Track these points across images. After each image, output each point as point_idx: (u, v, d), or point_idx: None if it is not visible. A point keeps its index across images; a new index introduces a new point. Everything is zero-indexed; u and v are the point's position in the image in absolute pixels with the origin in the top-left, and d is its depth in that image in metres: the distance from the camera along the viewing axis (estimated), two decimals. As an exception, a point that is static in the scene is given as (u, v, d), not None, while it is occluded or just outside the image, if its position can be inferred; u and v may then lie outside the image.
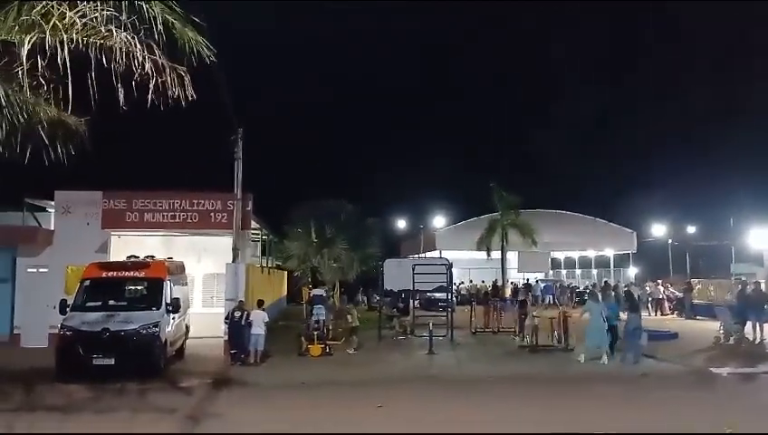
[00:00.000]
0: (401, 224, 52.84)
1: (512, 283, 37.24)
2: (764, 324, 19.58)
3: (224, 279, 18.64)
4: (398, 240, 52.50)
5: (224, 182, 19.37)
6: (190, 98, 8.09)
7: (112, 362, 13.55)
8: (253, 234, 24.06)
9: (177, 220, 20.07)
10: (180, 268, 17.96)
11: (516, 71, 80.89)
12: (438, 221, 45.83)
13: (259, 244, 27.10)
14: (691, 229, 47.69)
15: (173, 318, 15.31)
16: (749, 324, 19.67)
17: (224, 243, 19.40)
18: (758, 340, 19.27)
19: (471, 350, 19.30)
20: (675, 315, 29.09)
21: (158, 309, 14.70)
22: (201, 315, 20.28)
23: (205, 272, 23.41)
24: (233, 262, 18.43)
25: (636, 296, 19.37)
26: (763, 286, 22.68)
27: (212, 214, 20.01)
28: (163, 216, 20.04)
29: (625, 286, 30.34)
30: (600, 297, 18.48)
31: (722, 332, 19.63)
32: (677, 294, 30.68)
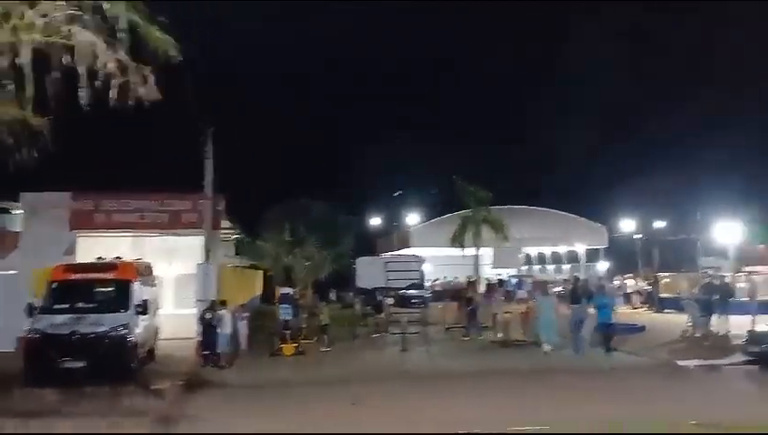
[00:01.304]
0: (375, 222, 52.89)
1: (486, 279, 37.50)
2: (730, 317, 20.06)
3: (195, 280, 18.49)
4: (372, 238, 52.51)
5: (200, 182, 19.17)
6: (154, 98, 8.03)
7: (82, 365, 13.36)
8: (224, 234, 23.89)
9: (147, 221, 19.85)
10: (149, 269, 17.76)
11: (486, 68, 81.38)
12: (413, 218, 45.95)
13: (232, 244, 26.91)
14: (659, 224, 48.54)
15: (142, 320, 15.13)
16: (715, 317, 20.11)
17: (195, 243, 19.23)
18: (724, 332, 19.70)
19: (444, 346, 19.45)
20: (644, 309, 29.60)
21: (126, 311, 14.51)
22: (172, 317, 20.07)
23: (176, 273, 23.15)
24: (204, 262, 18.28)
25: (578, 290, 19.95)
26: (728, 280, 23.23)
27: (182, 214, 19.84)
28: (132, 216, 19.82)
29: (572, 280, 30.88)
30: (548, 291, 19.08)
31: (689, 325, 20.04)
32: (646, 287, 31.23)
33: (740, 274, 26.23)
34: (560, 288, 29.38)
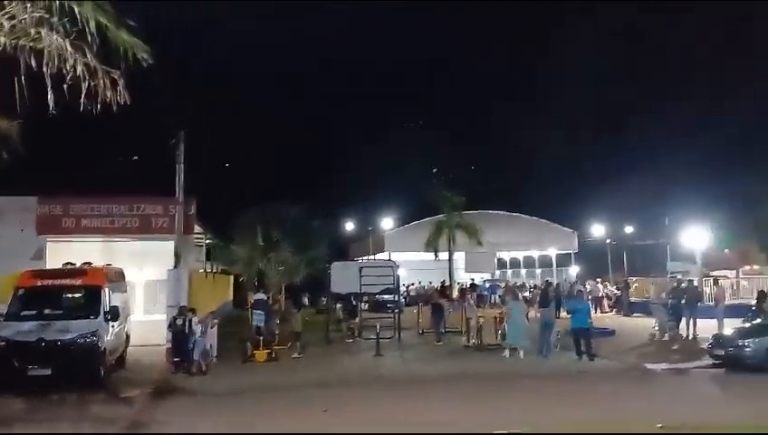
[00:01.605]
0: (350, 226, 52.85)
1: (459, 283, 37.72)
2: (698, 321, 20.47)
3: (166, 285, 18.29)
4: (346, 242, 52.46)
5: (170, 187, 19.00)
6: (123, 102, 7.95)
7: (49, 372, 13.15)
8: (196, 238, 23.67)
9: (117, 226, 19.61)
10: (120, 275, 17.52)
11: (462, 75, 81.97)
12: (387, 223, 46.04)
13: (203, 248, 26.66)
14: (629, 229, 49.38)
15: (112, 326, 14.92)
16: (683, 321, 20.51)
17: (166, 248, 19.05)
18: (691, 336, 20.09)
19: (417, 350, 19.50)
20: (613, 313, 30.02)
21: (96, 317, 14.31)
22: (143, 323, 19.85)
23: (146, 278, 22.90)
24: (175, 268, 18.09)
25: (548, 294, 20.37)
26: (695, 284, 23.70)
27: (153, 219, 19.63)
28: (101, 221, 19.56)
29: (541, 285, 31.43)
30: (518, 296, 19.31)
31: (657, 328, 20.39)
32: (616, 292, 31.69)
33: (707, 278, 26.75)
34: (527, 293, 29.76)
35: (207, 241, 26.84)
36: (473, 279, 39.98)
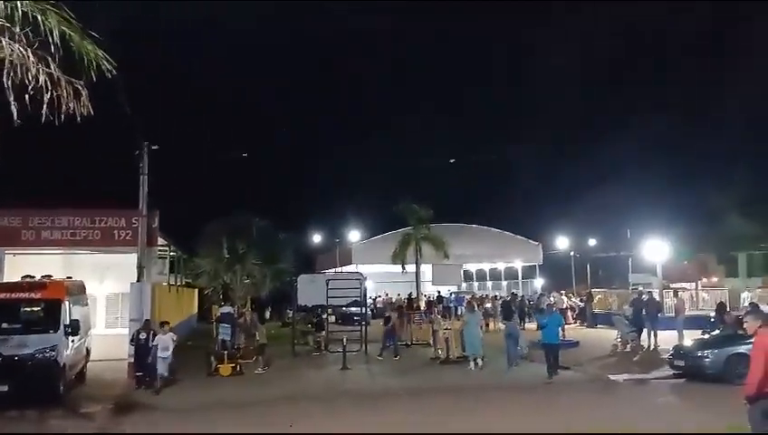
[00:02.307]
0: (317, 238, 52.69)
1: (425, 295, 37.84)
2: (658, 332, 20.89)
3: (128, 299, 17.95)
4: (313, 255, 52.27)
5: (135, 198, 18.65)
6: (86, 113, 7.83)
7: (6, 389, 12.75)
8: (160, 251, 23.30)
9: (78, 238, 19.20)
10: (81, 288, 17.15)
11: (426, 87, 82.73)
12: (354, 235, 46.02)
13: (167, 261, 26.24)
14: (592, 242, 50.26)
15: (72, 341, 14.59)
16: (644, 332, 20.91)
17: (129, 261, 18.68)
18: (653, 347, 20.49)
19: (384, 363, 19.47)
20: (577, 324, 30.42)
21: (55, 332, 13.96)
22: (105, 337, 19.44)
23: (108, 291, 22.43)
24: (138, 281, 17.77)
25: (511, 306, 20.70)
26: (656, 296, 24.21)
27: (116, 231, 19.28)
28: (62, 233, 19.12)
29: (505, 297, 31.88)
30: (474, 308, 19.75)
31: (619, 340, 20.73)
32: (579, 303, 32.16)
33: (667, 290, 27.33)
34: (488, 305, 30.02)
35: (171, 254, 26.42)
36: (439, 291, 40.21)
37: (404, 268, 35.90)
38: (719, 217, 35.63)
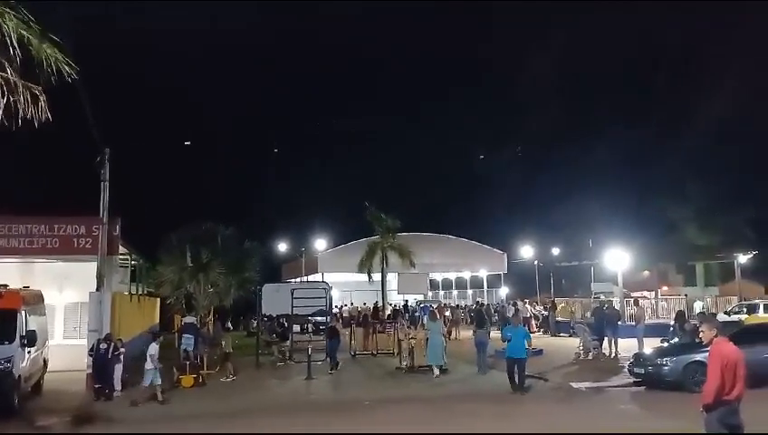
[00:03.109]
0: (282, 247, 52.28)
1: (391, 304, 37.87)
2: (619, 340, 21.25)
3: (87, 309, 17.53)
4: (279, 264, 51.87)
5: (95, 206, 18.24)
6: (44, 118, 7.66)
7: (-44, 402, 12.35)
8: (121, 259, 22.82)
9: (36, 246, 18.66)
10: (38, 298, 16.70)
11: (391, 95, 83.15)
12: (320, 244, 45.84)
13: (128, 270, 25.69)
14: (555, 251, 51.01)
15: (28, 352, 14.19)
16: (606, 340, 21.25)
17: (89, 270, 18.23)
18: (614, 355, 20.82)
19: (349, 373, 19.38)
20: (541, 333, 30.76)
21: (11, 343, 13.56)
22: (63, 348, 18.94)
23: (67, 301, 21.85)
24: (97, 290, 17.37)
25: (482, 314, 20.95)
26: (617, 305, 24.64)
27: (75, 239, 18.78)
28: (19, 241, 18.56)
29: (473, 305, 32.20)
30: (436, 316, 19.88)
31: (581, 348, 21.03)
32: (543, 312, 32.54)
33: (628, 299, 27.86)
34: (447, 313, 30.23)
35: (133, 262, 25.88)
36: (407, 300, 40.29)
37: (370, 277, 35.91)
38: (678, 229, 36.65)
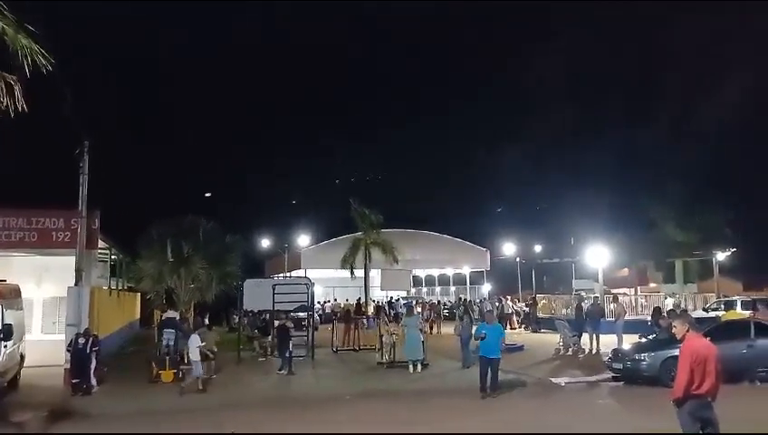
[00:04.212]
0: (266, 243, 52.05)
1: (374, 301, 37.89)
2: (600, 336, 21.43)
3: (66, 303, 17.35)
4: (262, 260, 51.65)
5: (75, 199, 18.00)
6: (20, 109, 7.54)
7: (-71, 397, 12.16)
8: (100, 253, 22.62)
9: (14, 239, 18.44)
10: (15, 292, 16.46)
11: (377, 94, 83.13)
12: (303, 240, 45.70)
13: (108, 264, 25.47)
14: (537, 248, 51.32)
15: (5, 346, 13.96)
16: (585, 336, 21.43)
17: (67, 264, 18.05)
18: (594, 350, 21.00)
19: (331, 368, 19.39)
20: (522, 329, 30.96)
21: (-14, 337, 13.37)
22: (41, 342, 18.75)
23: (45, 295, 21.64)
24: (76, 284, 17.18)
25: (470, 311, 21.03)
26: (598, 301, 24.85)
27: (54, 232, 18.57)
28: (-4, 235, 18.34)
29: (455, 302, 32.41)
30: (413, 312, 19.97)
31: (561, 344, 21.20)
32: (525, 308, 32.73)
33: (608, 295, 28.11)
34: (419, 309, 30.36)
35: (113, 256, 25.67)
36: (391, 297, 40.31)
37: (353, 273, 35.88)
38: (657, 227, 37.06)
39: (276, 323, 20.43)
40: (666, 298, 29.54)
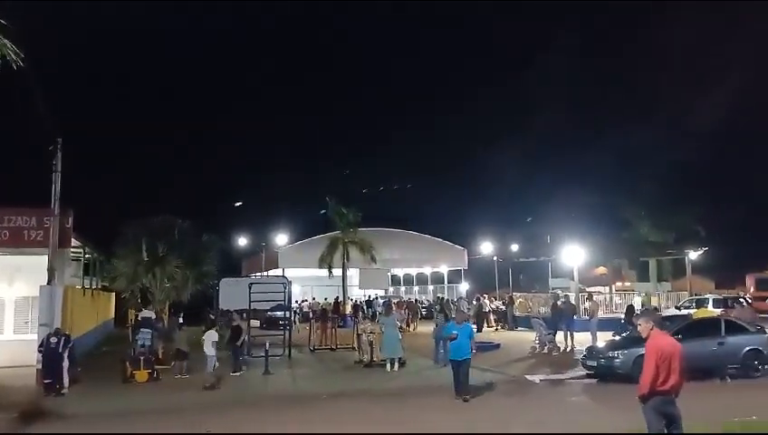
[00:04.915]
0: (243, 242, 51.72)
1: (352, 300, 37.89)
2: (575, 334, 21.69)
3: (38, 303, 17.10)
4: (239, 259, 51.32)
5: (48, 197, 17.73)
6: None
7: None
8: (73, 252, 22.32)
9: (-16, 238, 18.12)
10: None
11: (357, 94, 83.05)
12: (281, 239, 45.48)
13: (81, 263, 25.13)
14: (514, 247, 51.72)
15: (-26, 347, 13.80)
16: (560, 334, 21.66)
17: (40, 263, 17.79)
18: (569, 348, 21.25)
19: (308, 368, 19.37)
20: (499, 327, 31.17)
21: (-45, 337, 13.18)
22: (12, 343, 18.46)
23: (17, 295, 21.29)
24: (48, 284, 16.94)
25: (447, 310, 21.21)
26: (572, 299, 25.14)
27: (25, 231, 18.29)
28: (-34, 233, 18.01)
29: (435, 301, 32.65)
30: (392, 310, 19.98)
31: (537, 342, 21.41)
32: (501, 307, 32.96)
33: (583, 293, 28.43)
34: (394, 309, 30.45)
35: (86, 256, 25.33)
36: (370, 296, 40.33)
37: (330, 272, 35.85)
38: (631, 226, 37.62)
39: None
40: (634, 297, 29.97)
